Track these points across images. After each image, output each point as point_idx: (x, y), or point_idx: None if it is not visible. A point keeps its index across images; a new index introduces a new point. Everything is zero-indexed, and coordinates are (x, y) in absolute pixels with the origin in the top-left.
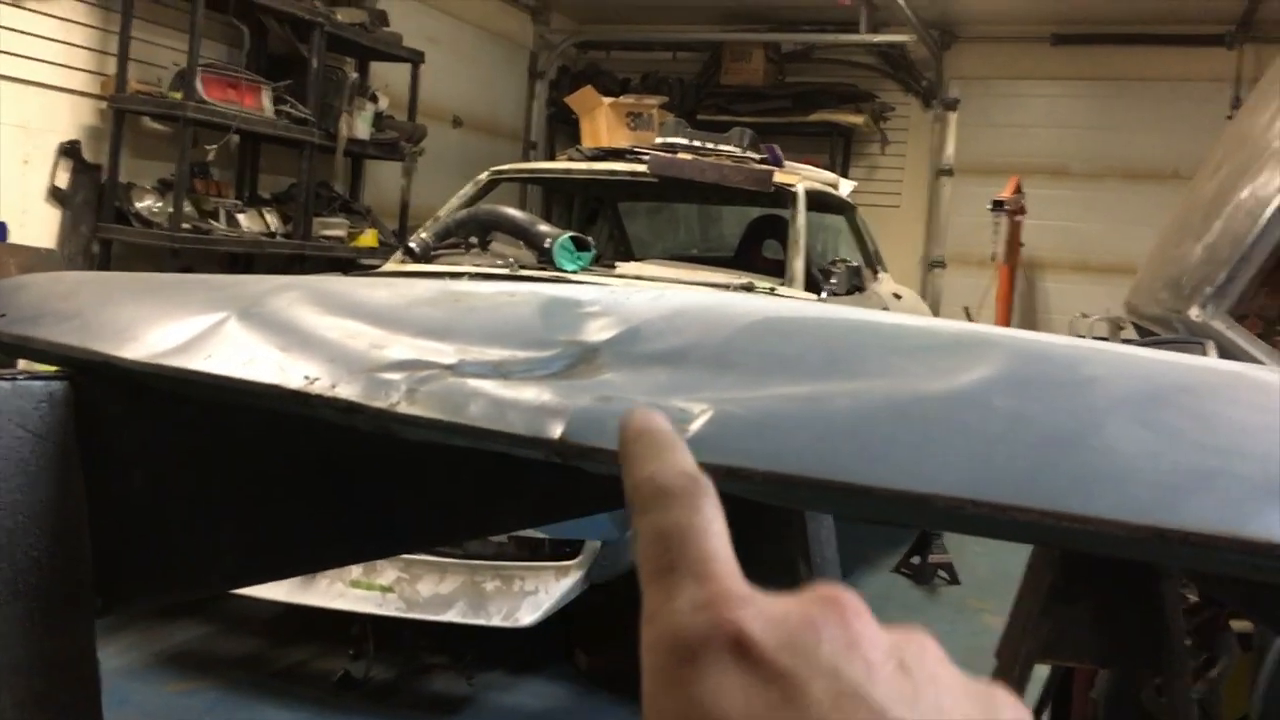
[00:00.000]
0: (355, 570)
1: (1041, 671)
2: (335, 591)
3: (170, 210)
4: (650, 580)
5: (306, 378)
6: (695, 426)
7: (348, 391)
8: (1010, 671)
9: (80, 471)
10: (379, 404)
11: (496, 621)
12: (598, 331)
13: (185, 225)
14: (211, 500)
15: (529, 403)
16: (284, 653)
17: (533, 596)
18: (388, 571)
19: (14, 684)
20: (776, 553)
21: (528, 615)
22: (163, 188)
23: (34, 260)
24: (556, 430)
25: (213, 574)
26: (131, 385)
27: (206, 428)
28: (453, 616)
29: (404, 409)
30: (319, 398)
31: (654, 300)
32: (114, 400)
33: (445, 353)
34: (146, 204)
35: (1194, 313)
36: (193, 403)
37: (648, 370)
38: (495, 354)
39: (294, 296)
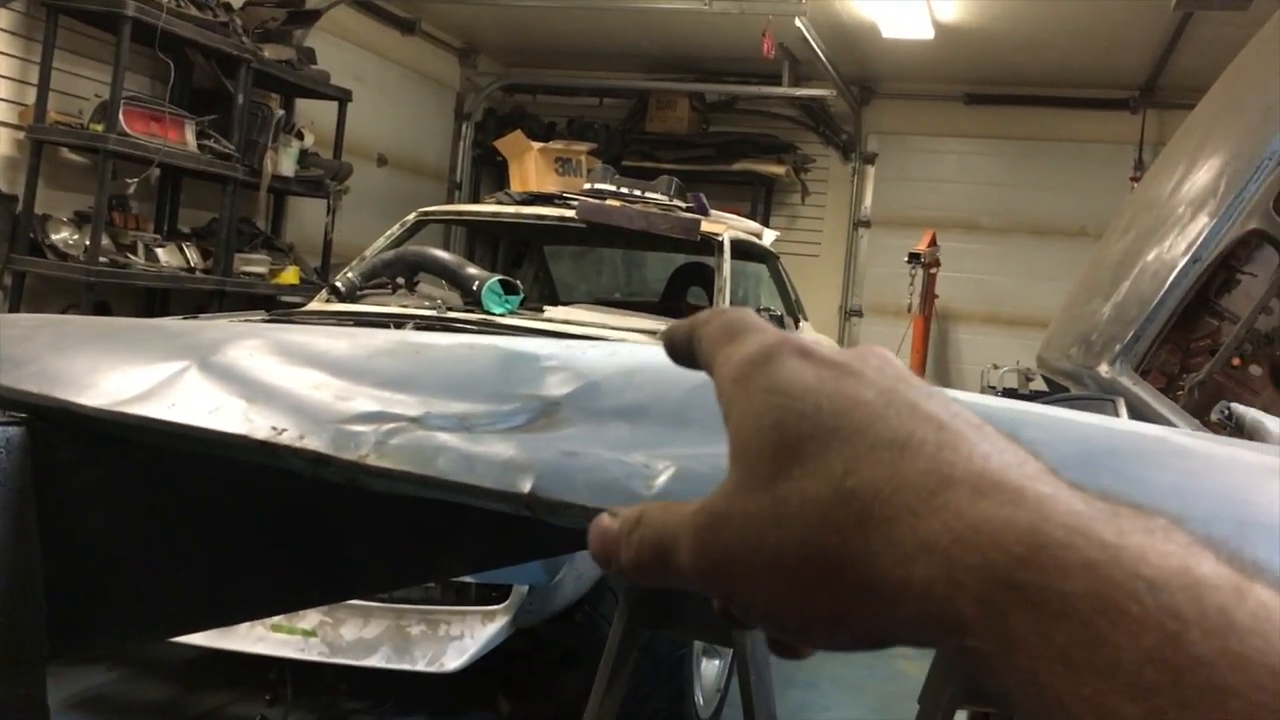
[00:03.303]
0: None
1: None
2: (255, 635)
3: (87, 243)
4: (719, 349)
5: (274, 428)
6: (659, 482)
7: (316, 443)
8: (932, 718)
9: (35, 516)
10: (349, 456)
11: (421, 667)
12: (558, 386)
13: (102, 259)
14: (164, 546)
15: (496, 457)
16: (199, 699)
17: (458, 641)
18: (310, 615)
19: None
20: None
21: (453, 660)
22: (80, 220)
23: None
24: (526, 485)
25: (164, 620)
26: (88, 431)
27: (161, 475)
28: (377, 661)
29: (374, 461)
30: (287, 449)
31: (610, 356)
32: (71, 446)
33: (410, 405)
34: (62, 236)
35: (1103, 369)
36: (148, 450)
37: (609, 425)
38: (459, 407)
39: (255, 345)
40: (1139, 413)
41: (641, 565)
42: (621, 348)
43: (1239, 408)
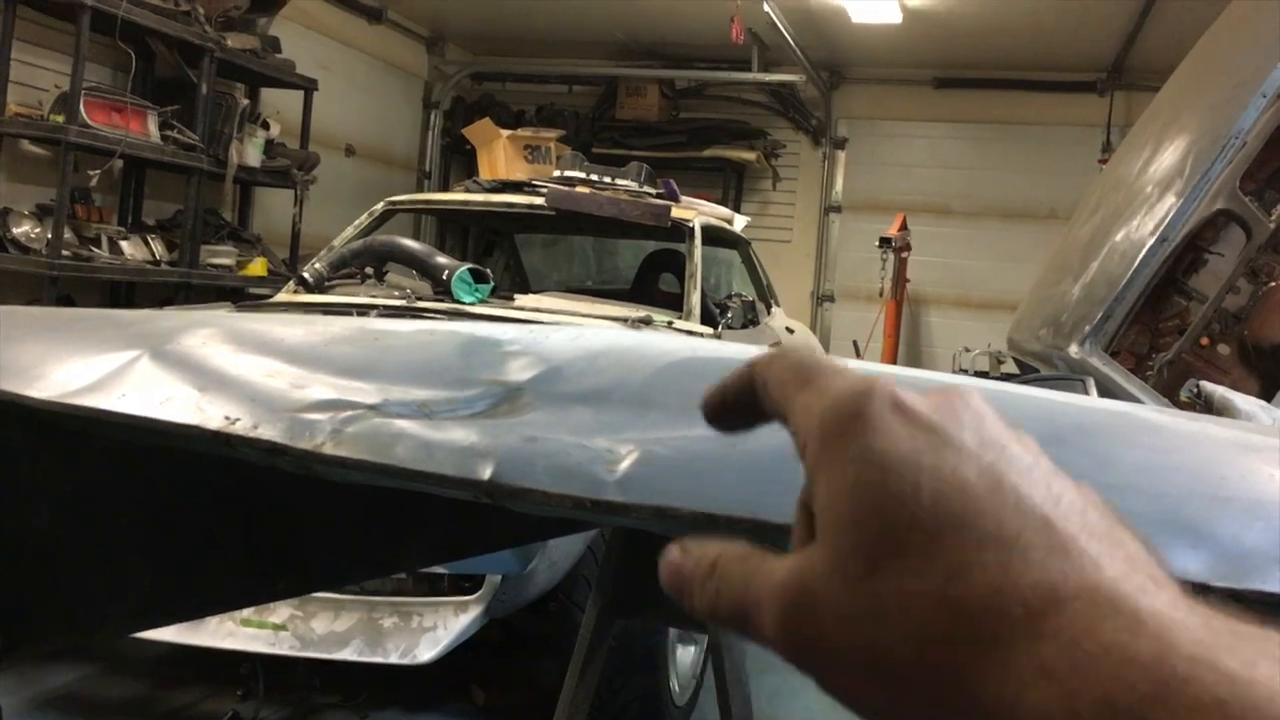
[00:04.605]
0: (246, 608)
1: None
2: (225, 630)
3: (49, 236)
4: (795, 395)
5: (227, 418)
6: (623, 467)
7: (270, 433)
8: None
9: None
10: (304, 445)
11: (394, 659)
12: (519, 371)
13: (65, 252)
14: (117, 540)
15: (456, 443)
16: (170, 695)
17: (431, 633)
18: (280, 609)
19: None
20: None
21: (426, 652)
22: (41, 213)
23: None
24: (485, 471)
25: (118, 616)
26: (36, 423)
27: (111, 467)
28: (349, 655)
29: (330, 450)
30: (240, 438)
31: (573, 340)
32: (18, 438)
33: (368, 392)
34: (24, 229)
35: (1073, 350)
36: (98, 441)
37: (571, 410)
38: (418, 393)
39: (208, 334)
40: (1109, 392)
41: (718, 617)
42: (585, 331)
43: (1208, 385)
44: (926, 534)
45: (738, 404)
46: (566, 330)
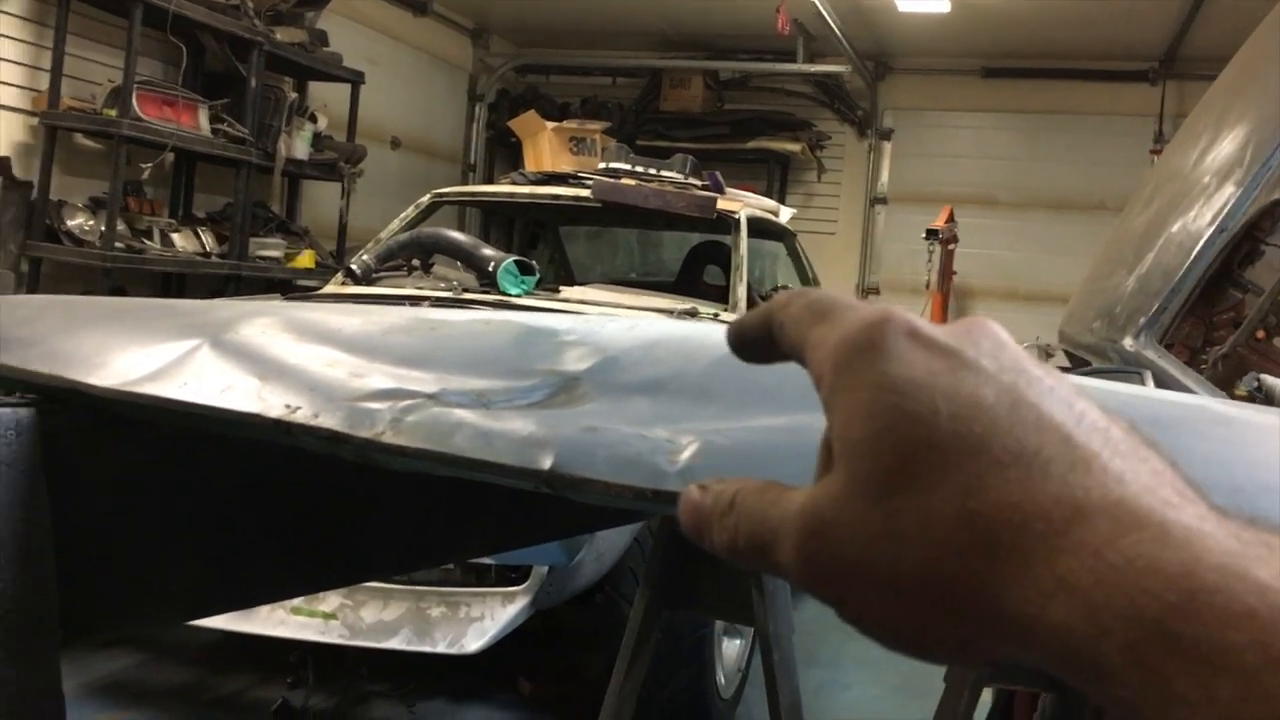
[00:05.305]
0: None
1: (987, 695)
2: (276, 619)
3: (102, 229)
4: (809, 330)
5: (288, 406)
6: (684, 457)
7: (331, 421)
8: (958, 695)
9: (46, 500)
10: (364, 434)
11: (442, 648)
12: (576, 361)
13: (118, 244)
14: (176, 529)
15: (515, 433)
16: (220, 681)
17: (479, 623)
18: (330, 598)
19: None
20: (730, 579)
21: (474, 642)
22: (94, 206)
23: None
24: (546, 461)
25: (177, 603)
26: (97, 412)
27: (172, 455)
28: (397, 644)
29: (390, 439)
30: (301, 427)
31: (629, 330)
32: (80, 427)
33: (426, 382)
34: (78, 222)
35: (1128, 342)
36: (158, 430)
37: (629, 400)
38: (476, 383)
39: (267, 323)
40: (1165, 385)
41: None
42: (640, 321)
43: (1269, 379)
44: (943, 451)
45: (756, 342)
46: (622, 320)
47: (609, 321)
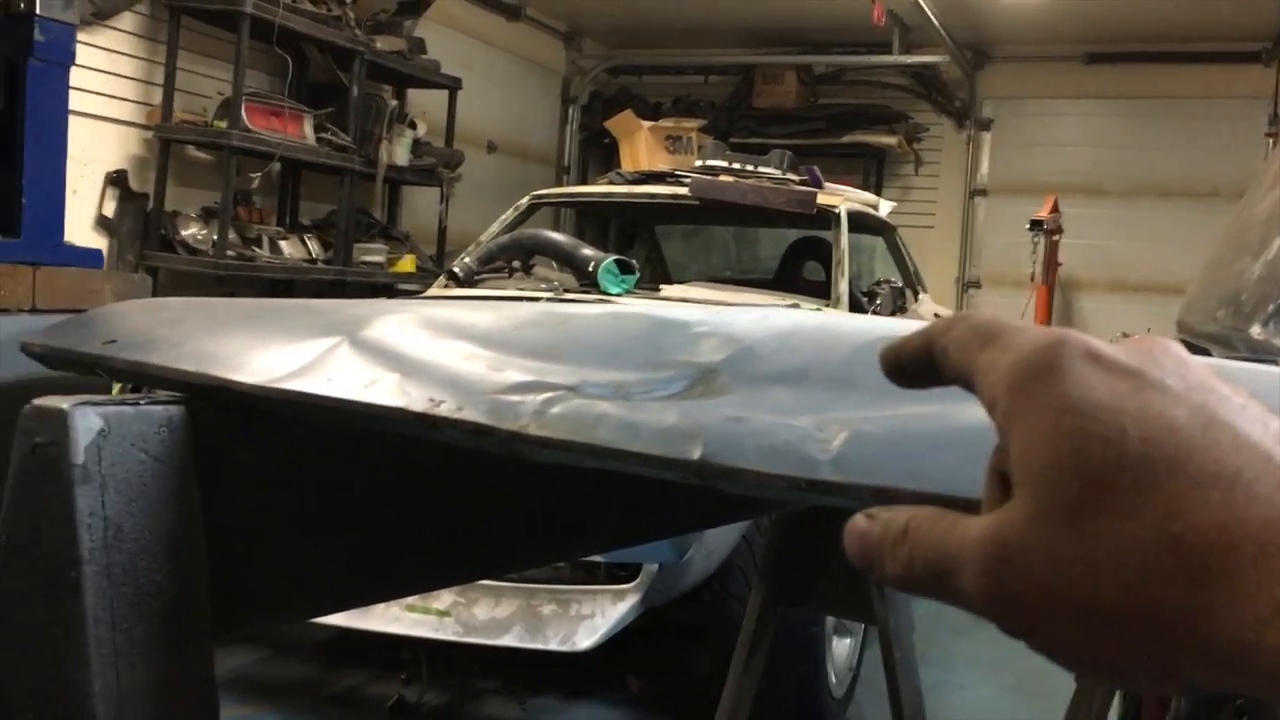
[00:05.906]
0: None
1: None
2: (391, 616)
3: (215, 238)
4: (976, 355)
5: (431, 400)
6: (835, 445)
7: (475, 414)
8: (1091, 698)
9: (197, 495)
10: (509, 426)
11: (554, 646)
12: (711, 352)
13: (230, 252)
14: (314, 526)
15: (660, 424)
16: (338, 678)
17: (590, 620)
18: (444, 595)
19: (140, 710)
20: (847, 576)
21: (585, 639)
22: (206, 215)
23: (127, 287)
24: (695, 452)
25: (321, 596)
26: (243, 409)
27: (315, 451)
28: (510, 641)
29: (534, 431)
30: (446, 420)
31: (761, 320)
32: (227, 424)
33: (564, 374)
34: (191, 232)
35: (1256, 331)
36: (301, 426)
37: (770, 390)
38: (613, 375)
39: (401, 320)
40: None
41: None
42: (771, 312)
43: None
44: (1136, 474)
45: (916, 367)
46: (753, 311)
47: (741, 313)
